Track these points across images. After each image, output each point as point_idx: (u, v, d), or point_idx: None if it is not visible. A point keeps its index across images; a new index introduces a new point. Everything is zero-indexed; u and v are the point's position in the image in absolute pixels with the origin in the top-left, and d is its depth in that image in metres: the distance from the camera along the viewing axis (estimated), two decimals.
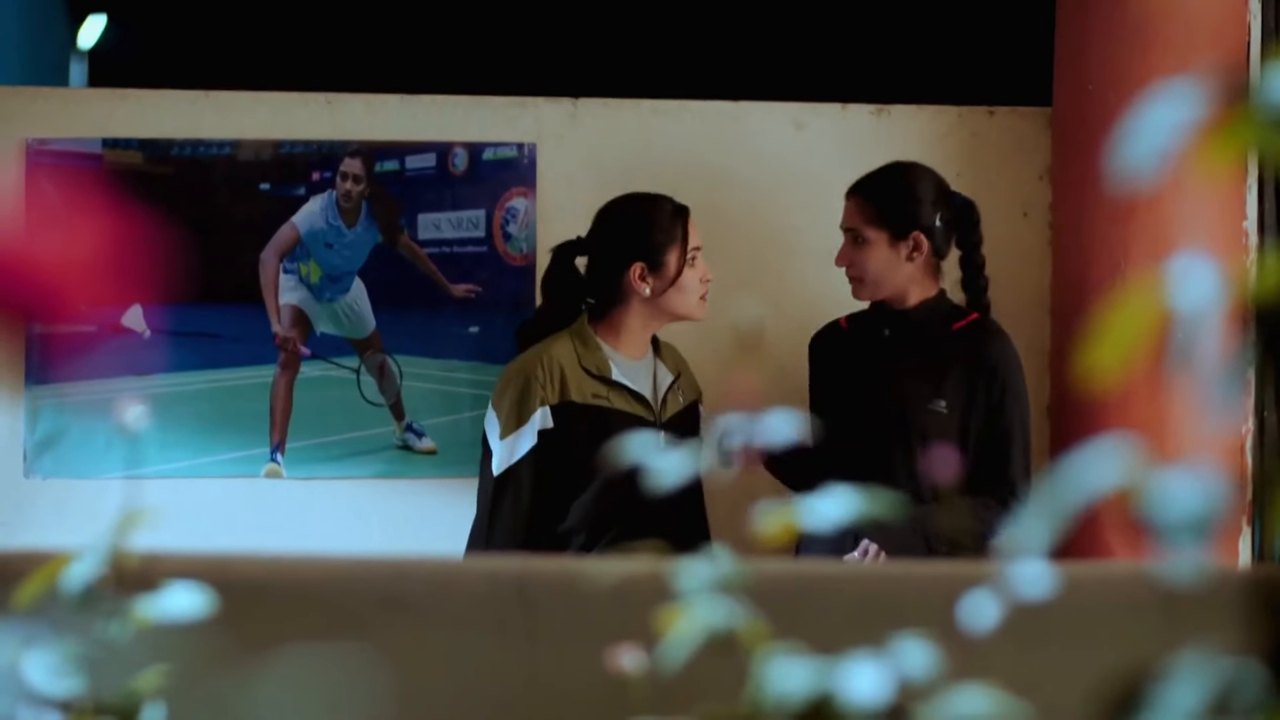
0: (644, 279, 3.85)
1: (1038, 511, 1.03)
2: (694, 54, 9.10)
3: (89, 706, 1.36)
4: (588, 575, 1.74)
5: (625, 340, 3.89)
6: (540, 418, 3.77)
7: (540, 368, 3.79)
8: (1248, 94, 0.96)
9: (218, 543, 4.25)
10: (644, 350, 3.92)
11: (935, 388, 3.89)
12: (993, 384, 3.89)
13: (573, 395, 3.78)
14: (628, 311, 3.88)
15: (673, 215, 3.89)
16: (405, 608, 1.80)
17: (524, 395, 3.77)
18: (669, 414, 3.89)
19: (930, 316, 3.96)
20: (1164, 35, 4.12)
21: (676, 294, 3.86)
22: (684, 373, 3.99)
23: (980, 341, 3.94)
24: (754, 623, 1.18)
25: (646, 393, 3.88)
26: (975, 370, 3.90)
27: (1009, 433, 3.89)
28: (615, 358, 3.86)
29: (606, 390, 3.82)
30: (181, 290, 4.32)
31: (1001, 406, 3.89)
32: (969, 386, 3.90)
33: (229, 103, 4.44)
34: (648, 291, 3.85)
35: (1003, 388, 3.89)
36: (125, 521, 1.38)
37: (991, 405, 3.89)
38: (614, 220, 3.92)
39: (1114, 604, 1.80)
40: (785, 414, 1.24)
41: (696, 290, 3.88)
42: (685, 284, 3.87)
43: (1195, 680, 0.98)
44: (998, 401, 3.89)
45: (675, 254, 3.86)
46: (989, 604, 1.16)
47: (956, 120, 4.57)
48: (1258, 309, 0.95)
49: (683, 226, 3.89)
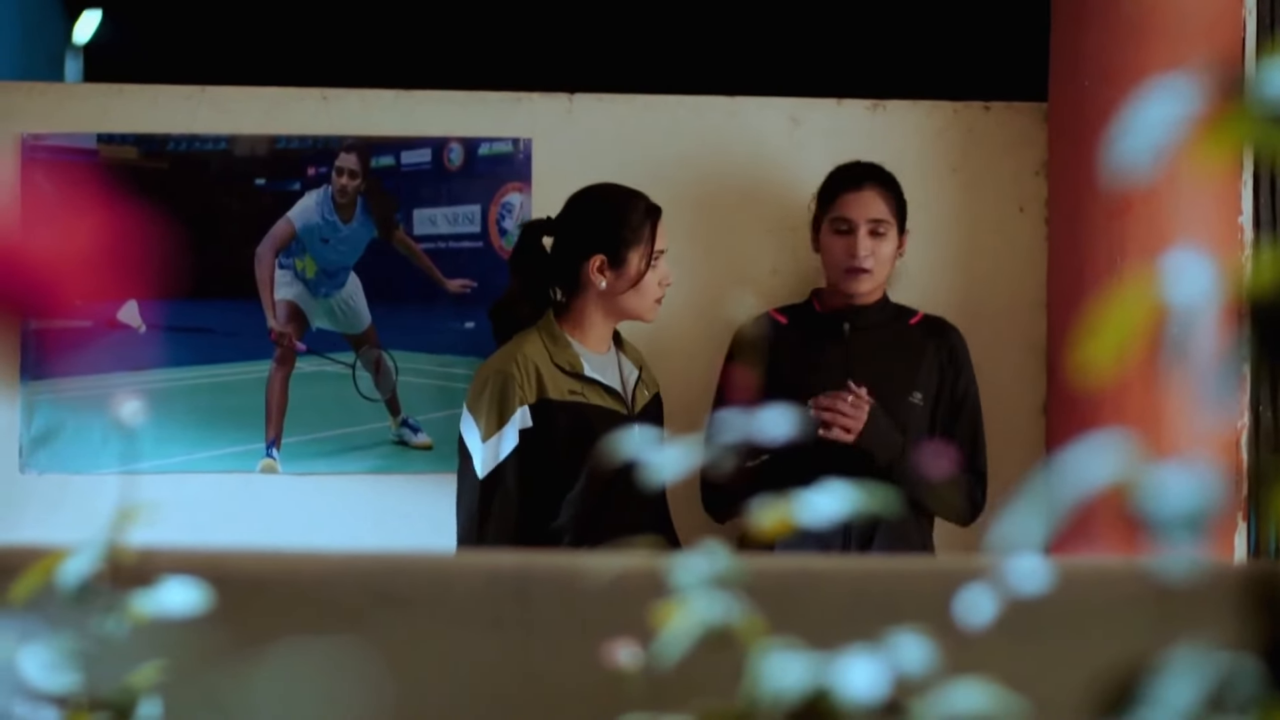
0: (602, 272, 3.83)
1: (1033, 506, 1.03)
2: (689, 49, 9.09)
3: (85, 702, 1.36)
4: (584, 571, 1.74)
5: (589, 335, 3.87)
6: (520, 418, 3.74)
7: (516, 367, 3.76)
8: (1243, 89, 0.96)
9: (214, 538, 4.23)
10: (607, 344, 3.91)
11: (910, 380, 3.98)
12: (958, 375, 4.08)
13: (550, 393, 3.76)
14: (585, 302, 3.86)
15: (644, 215, 3.86)
16: (401, 603, 1.80)
17: (503, 396, 3.75)
18: (639, 406, 3.89)
19: (887, 311, 4.06)
20: (1160, 30, 4.12)
21: (634, 294, 3.84)
22: (644, 366, 3.98)
23: (941, 334, 4.11)
24: (750, 618, 1.18)
25: (618, 386, 3.87)
26: (943, 362, 4.07)
27: (975, 421, 4.08)
28: (584, 353, 3.85)
29: (581, 386, 3.80)
30: (177, 285, 4.32)
31: (966, 395, 4.08)
32: (938, 378, 4.06)
33: (224, 98, 4.44)
34: (603, 285, 3.83)
35: (968, 378, 4.09)
36: (121, 517, 1.38)
37: (957, 395, 4.07)
38: (584, 208, 3.90)
39: (1109, 599, 1.80)
40: (781, 410, 1.24)
41: (654, 293, 3.86)
42: (644, 286, 3.84)
43: (1190, 675, 0.98)
44: (963, 391, 4.07)
45: (639, 254, 3.83)
46: (985, 599, 1.16)
47: (952, 115, 4.57)
48: (1253, 304, 0.95)
49: (651, 228, 3.85)
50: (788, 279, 4.46)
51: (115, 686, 1.39)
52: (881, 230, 4.00)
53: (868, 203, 4.01)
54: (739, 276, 4.45)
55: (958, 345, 4.11)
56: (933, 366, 4.05)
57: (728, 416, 1.23)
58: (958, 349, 4.10)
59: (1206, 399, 0.95)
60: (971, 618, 1.16)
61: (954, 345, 4.10)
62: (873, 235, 4.00)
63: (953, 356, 4.08)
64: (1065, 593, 1.38)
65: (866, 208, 4.01)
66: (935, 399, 4.03)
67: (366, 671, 1.72)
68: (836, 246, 4.03)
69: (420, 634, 1.79)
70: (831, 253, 4.05)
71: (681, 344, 4.22)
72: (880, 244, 4.01)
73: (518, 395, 3.74)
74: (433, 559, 1.99)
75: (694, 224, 4.45)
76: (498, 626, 1.78)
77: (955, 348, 4.10)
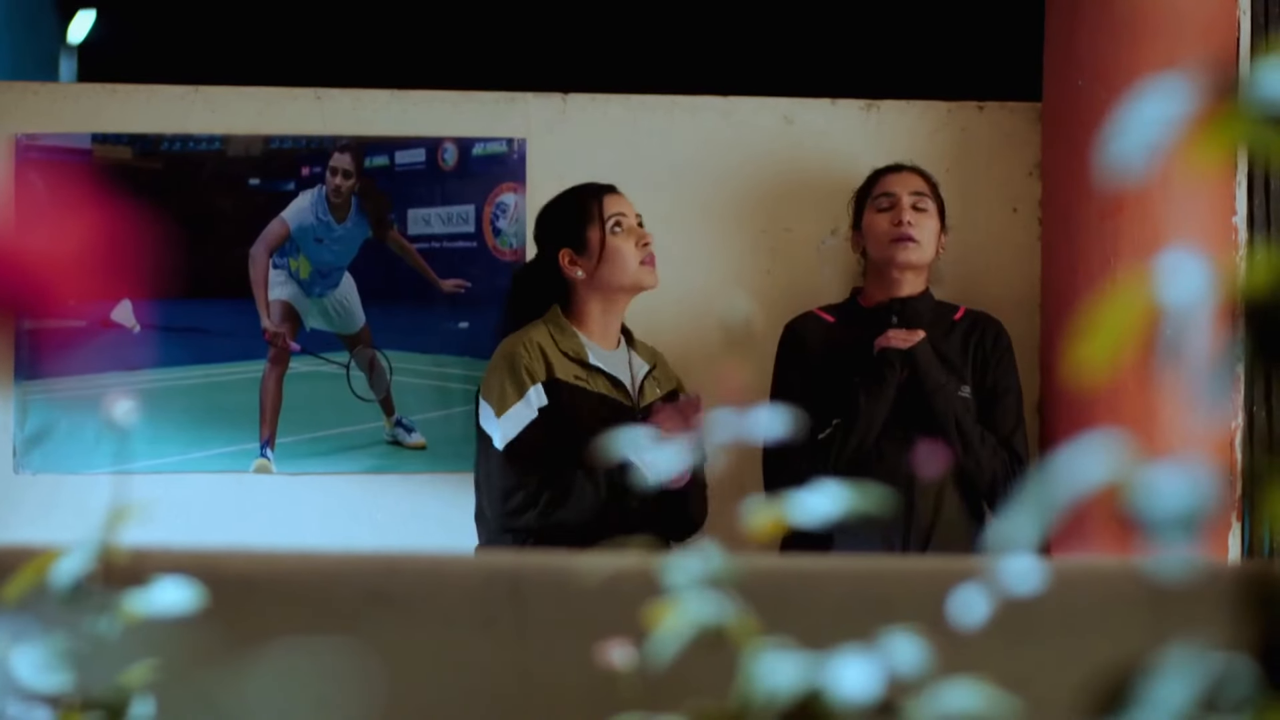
0: (574, 263, 3.90)
1: (1027, 507, 1.03)
2: (683, 49, 9.09)
3: (77, 702, 1.36)
4: (577, 571, 1.74)
5: (594, 329, 3.90)
6: (536, 395, 3.77)
7: (523, 348, 3.81)
8: (1237, 89, 0.96)
9: (207, 538, 4.24)
10: (615, 341, 3.93)
11: (959, 374, 4.00)
12: (996, 365, 4.09)
13: (557, 373, 3.80)
14: (579, 298, 3.91)
15: (587, 196, 3.93)
16: (395, 603, 1.80)
17: (513, 373, 3.78)
18: (646, 401, 3.90)
19: (931, 307, 4.08)
20: (1153, 30, 4.12)
21: (608, 267, 3.88)
22: (660, 363, 4.00)
23: (982, 328, 4.13)
24: (743, 618, 1.18)
25: (624, 378, 3.89)
26: (984, 355, 4.09)
27: (1016, 412, 4.08)
28: (589, 345, 3.88)
29: (585, 373, 3.84)
30: (171, 285, 4.32)
31: (998, 387, 4.07)
32: (981, 371, 4.07)
33: (218, 98, 4.44)
34: (581, 274, 3.89)
35: (1005, 369, 4.10)
36: (114, 517, 1.38)
37: (988, 385, 4.07)
38: (540, 220, 4.01)
39: (1103, 599, 1.80)
40: (774, 409, 1.24)
41: (632, 256, 3.89)
42: (612, 254, 3.88)
43: (1184, 675, 0.98)
44: (994, 382, 4.07)
45: (593, 230, 3.89)
46: (978, 599, 1.16)
47: (946, 115, 4.57)
48: (1247, 304, 0.95)
49: (597, 203, 3.91)
50: (781, 279, 4.46)
51: (108, 686, 1.38)
52: (923, 205, 4.05)
53: (907, 180, 4.10)
54: (732, 276, 4.45)
55: (997, 336, 4.13)
56: (978, 361, 4.08)
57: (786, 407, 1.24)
58: (997, 340, 4.12)
59: (1201, 399, 0.95)
60: (966, 618, 1.16)
61: (994, 336, 4.12)
62: (915, 209, 4.04)
63: (993, 347, 4.10)
64: (1060, 593, 1.38)
65: (907, 184, 4.09)
66: (977, 392, 4.04)
67: (360, 671, 1.72)
68: (881, 221, 4.07)
69: (414, 634, 1.79)
70: (876, 229, 4.08)
71: (674, 343, 4.22)
72: (924, 218, 4.05)
73: (526, 371, 3.77)
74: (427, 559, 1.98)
75: (688, 224, 4.45)
76: (491, 626, 1.78)
77: (994, 339, 4.12)
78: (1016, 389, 4.10)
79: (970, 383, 4.04)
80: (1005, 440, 4.02)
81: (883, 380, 3.94)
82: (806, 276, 4.37)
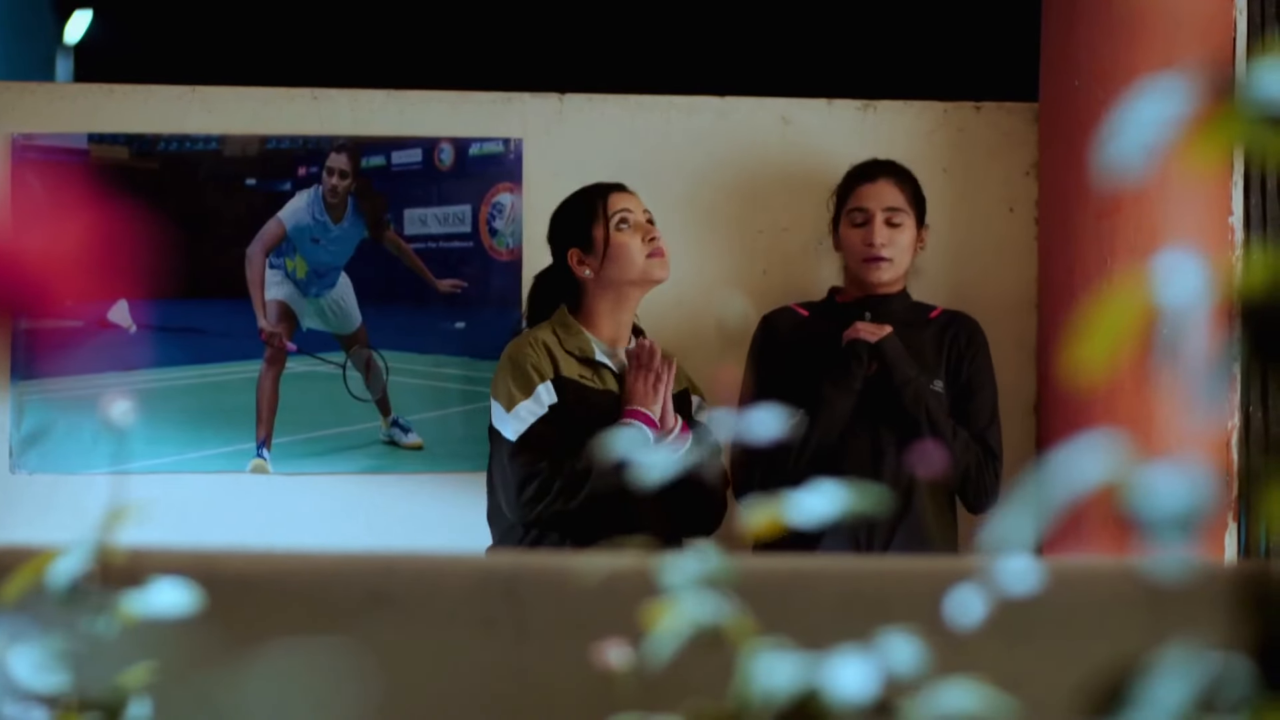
0: (582, 262, 3.92)
1: (1024, 507, 1.03)
2: (680, 49, 9.09)
3: (75, 702, 1.36)
4: (575, 571, 1.74)
5: (601, 327, 3.91)
6: (545, 392, 3.78)
7: (529, 348, 3.83)
8: (1234, 90, 0.96)
9: (204, 538, 4.23)
10: (624, 339, 3.94)
11: (931, 370, 4.00)
12: (970, 361, 4.09)
13: (564, 372, 3.82)
14: (588, 297, 3.93)
15: (593, 195, 3.96)
16: (392, 603, 1.79)
17: (521, 371, 3.80)
18: None
19: (907, 305, 4.08)
20: (1151, 31, 4.12)
21: (613, 263, 3.90)
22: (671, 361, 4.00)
23: (956, 325, 4.13)
24: (740, 618, 1.18)
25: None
26: (959, 351, 4.09)
27: (990, 407, 4.07)
28: (596, 343, 3.89)
29: (591, 372, 3.85)
30: (167, 285, 4.32)
31: (972, 382, 4.08)
32: (955, 368, 4.07)
33: (215, 98, 4.43)
34: (589, 272, 3.91)
35: (980, 366, 4.10)
36: (111, 517, 1.38)
37: (962, 380, 4.08)
38: (551, 222, 4.02)
39: (1100, 599, 1.80)
40: (771, 409, 1.24)
41: (638, 251, 3.91)
42: (618, 250, 3.90)
43: (1181, 675, 0.98)
44: (968, 377, 4.08)
45: (598, 227, 3.91)
46: (975, 599, 1.16)
47: (943, 116, 4.57)
48: (1243, 304, 0.95)
49: (602, 201, 3.93)
50: (777, 279, 4.46)
51: (105, 687, 1.38)
52: (897, 220, 4.05)
53: (882, 192, 4.06)
54: (730, 276, 4.45)
55: (972, 334, 4.13)
56: (952, 358, 4.08)
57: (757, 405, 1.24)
58: (972, 337, 4.12)
59: (1197, 399, 0.95)
60: (962, 618, 1.16)
61: (969, 333, 4.12)
62: (889, 225, 4.04)
63: (967, 344, 4.11)
64: (1056, 593, 1.38)
65: (881, 197, 4.06)
66: (949, 388, 4.04)
67: (357, 672, 1.72)
68: (854, 237, 4.08)
69: (411, 634, 1.79)
70: (850, 244, 4.09)
71: (671, 342, 4.21)
72: (897, 234, 4.05)
73: (534, 369, 3.79)
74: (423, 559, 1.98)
75: (685, 224, 4.45)
76: (489, 626, 1.78)
77: (969, 336, 4.12)
78: (991, 385, 4.10)
79: (944, 379, 4.05)
80: (979, 435, 4.02)
81: (848, 373, 3.95)
82: (803, 277, 4.38)
